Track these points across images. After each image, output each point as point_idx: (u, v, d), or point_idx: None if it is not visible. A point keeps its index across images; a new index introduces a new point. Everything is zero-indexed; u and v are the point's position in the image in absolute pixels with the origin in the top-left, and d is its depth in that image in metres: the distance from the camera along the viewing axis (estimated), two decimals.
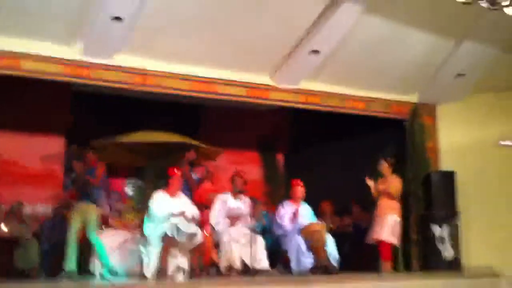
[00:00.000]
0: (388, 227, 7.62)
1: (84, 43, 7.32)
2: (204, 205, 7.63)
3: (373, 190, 7.87)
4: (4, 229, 7.51)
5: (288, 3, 7.33)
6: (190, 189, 7.92)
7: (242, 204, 7.55)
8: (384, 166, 7.94)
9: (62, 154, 9.48)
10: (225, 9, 7.32)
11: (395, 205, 7.81)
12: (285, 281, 6.17)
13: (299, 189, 7.78)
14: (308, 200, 7.98)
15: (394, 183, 7.83)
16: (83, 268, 7.47)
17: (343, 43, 8.04)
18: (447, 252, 8.24)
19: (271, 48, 8.09)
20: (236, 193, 7.57)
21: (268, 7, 7.36)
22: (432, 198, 8.59)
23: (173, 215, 6.73)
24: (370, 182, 7.85)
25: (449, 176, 8.73)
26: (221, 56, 8.03)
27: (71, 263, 6.92)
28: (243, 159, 10.55)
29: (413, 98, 9.56)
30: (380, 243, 7.62)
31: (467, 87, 9.30)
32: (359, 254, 8.32)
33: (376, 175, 8.25)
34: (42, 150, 9.39)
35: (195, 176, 8.19)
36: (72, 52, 7.36)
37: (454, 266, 8.10)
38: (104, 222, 8.34)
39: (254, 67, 8.38)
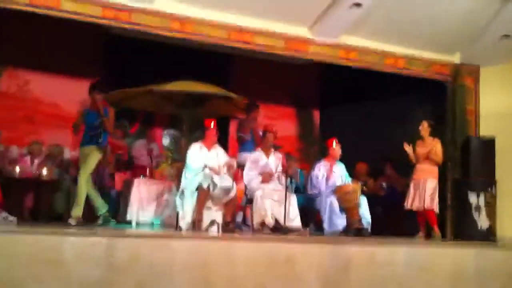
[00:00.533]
0: (426, 192, 7.53)
1: None
2: None
3: (410, 155, 7.71)
4: (44, 172, 7.58)
5: None
6: (255, 145, 7.97)
7: (274, 160, 7.47)
8: (424, 128, 7.75)
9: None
10: None
11: (434, 169, 7.68)
12: (317, 241, 6.14)
13: (335, 148, 7.68)
14: (343, 159, 7.89)
15: (435, 146, 7.67)
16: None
17: None
18: (482, 221, 8.14)
19: (311, 0, 7.82)
20: (267, 149, 7.47)
21: None
22: (470, 164, 8.42)
23: (208, 167, 6.69)
24: (408, 148, 7.69)
25: (489, 142, 8.51)
26: (261, 5, 7.87)
27: (78, 210, 6.81)
28: (277, 114, 10.46)
29: (455, 58, 9.30)
30: (426, 211, 7.56)
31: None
32: (393, 217, 8.30)
33: (414, 138, 8.13)
34: (82, 94, 9.31)
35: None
36: None
37: (488, 236, 8.01)
38: (142, 172, 8.43)
39: (293, 18, 8.20)
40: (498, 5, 8.18)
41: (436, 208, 7.59)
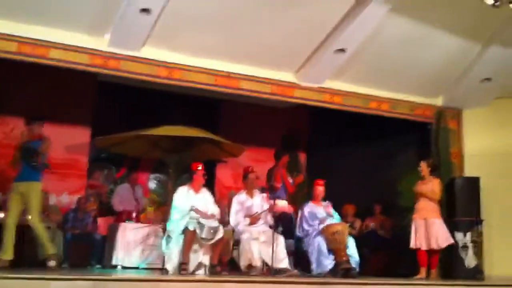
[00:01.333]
0: (435, 232, 7.54)
1: (112, 34, 7.41)
2: None
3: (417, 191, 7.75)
4: (29, 217, 7.52)
5: (315, 1, 7.29)
6: (286, 192, 8.14)
7: (259, 201, 7.49)
8: (424, 167, 7.83)
9: (87, 145, 9.50)
10: (251, 5, 7.31)
11: (435, 207, 7.71)
12: (305, 282, 6.11)
13: (320, 189, 7.71)
14: (330, 200, 7.90)
15: (435, 185, 7.74)
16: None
17: (368, 42, 8.00)
18: (470, 260, 8.15)
19: (296, 46, 8.08)
20: (251, 190, 7.50)
21: (294, 5, 7.33)
22: (456, 204, 8.49)
23: (193, 209, 6.72)
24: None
25: (473, 182, 8.62)
26: (246, 52, 8.04)
27: (7, 252, 6.45)
28: (264, 156, 10.49)
29: (438, 101, 9.52)
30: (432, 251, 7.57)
31: (493, 91, 9.22)
32: (380, 258, 8.28)
33: (399, 178, 8.21)
34: (68, 140, 9.42)
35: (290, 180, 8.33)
36: (100, 43, 7.45)
37: (475, 274, 7.98)
38: (127, 216, 8.42)
39: (278, 64, 8.39)
40: (479, 49, 8.44)
41: (449, 242, 7.61)
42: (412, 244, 7.58)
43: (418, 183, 7.82)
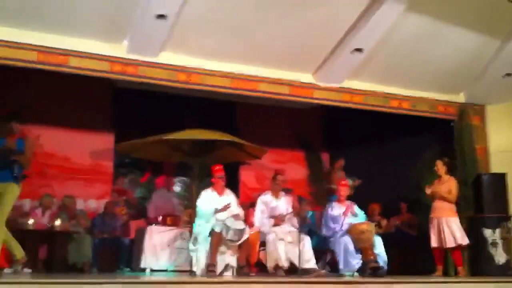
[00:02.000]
0: (450, 231, 7.53)
1: (130, 41, 7.48)
2: None
3: (427, 192, 7.73)
4: (57, 223, 7.61)
5: (331, 1, 7.29)
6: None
7: (284, 203, 7.46)
8: (440, 167, 7.79)
9: (111, 150, 9.57)
10: (267, 7, 7.33)
11: (451, 206, 7.68)
12: (333, 282, 6.05)
13: (345, 189, 7.67)
14: (354, 200, 7.85)
15: (452, 184, 7.71)
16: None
17: (386, 41, 7.99)
18: (500, 256, 8.05)
19: (313, 47, 8.08)
20: (277, 192, 7.47)
21: (311, 6, 7.34)
22: (483, 201, 8.41)
23: (218, 210, 6.74)
24: (428, 191, 7.75)
25: (500, 178, 8.53)
26: (264, 54, 8.06)
27: (16, 252, 6.21)
28: (286, 158, 10.50)
29: (459, 98, 9.43)
30: (450, 250, 7.56)
31: None
32: (407, 256, 8.20)
33: (426, 177, 8.13)
34: (92, 146, 9.54)
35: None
36: (118, 50, 7.51)
37: (506, 270, 7.90)
38: (154, 220, 8.45)
39: (297, 65, 8.39)
40: (499, 44, 8.36)
41: (465, 241, 7.58)
42: (432, 243, 7.59)
43: (435, 182, 7.79)
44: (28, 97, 8.92)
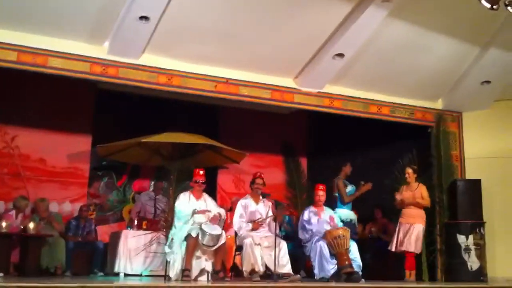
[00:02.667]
0: (413, 236, 7.65)
1: (111, 42, 7.45)
2: None
3: (398, 199, 7.81)
4: (31, 226, 7.53)
5: (313, 7, 7.32)
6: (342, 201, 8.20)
7: (263, 207, 7.47)
8: (409, 173, 7.89)
9: (88, 153, 9.51)
10: (252, 13, 7.36)
11: (421, 213, 7.81)
12: (308, 287, 6.10)
13: (321, 194, 7.70)
14: (331, 206, 7.91)
15: (421, 191, 7.84)
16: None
17: (367, 47, 8.05)
18: (473, 262, 8.14)
19: (295, 52, 8.11)
20: (256, 196, 7.49)
21: (293, 11, 7.38)
22: (458, 207, 8.50)
23: (195, 211, 6.75)
24: (398, 197, 7.88)
25: (475, 185, 8.63)
26: (246, 58, 8.08)
27: None
28: (265, 162, 10.51)
29: (437, 104, 9.54)
30: (406, 253, 7.66)
31: (492, 94, 9.23)
32: (382, 262, 8.25)
33: (400, 182, 8.21)
34: (69, 148, 9.45)
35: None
36: (99, 51, 7.50)
37: (478, 276, 8.00)
38: (130, 223, 8.42)
39: (278, 70, 8.43)
40: (478, 52, 8.46)
41: (418, 250, 7.70)
42: (391, 247, 7.75)
43: (403, 188, 7.92)
44: (6, 97, 8.84)
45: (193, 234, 6.47)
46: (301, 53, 8.19)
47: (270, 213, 7.38)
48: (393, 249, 7.77)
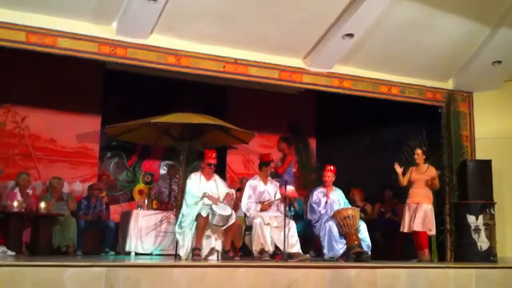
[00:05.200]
0: (422, 216, 7.64)
1: (119, 22, 7.41)
2: None
3: (400, 176, 7.79)
4: (42, 206, 7.59)
5: None
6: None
7: (272, 187, 7.49)
8: (419, 154, 7.88)
9: (98, 133, 9.55)
10: None
11: (429, 193, 7.79)
12: (317, 266, 6.13)
13: (330, 175, 7.69)
14: (340, 185, 7.91)
15: (430, 173, 7.81)
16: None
17: (376, 27, 7.97)
18: (482, 242, 8.12)
19: (304, 31, 8.05)
20: (265, 176, 7.50)
21: None
22: (468, 187, 8.45)
23: (206, 195, 6.77)
24: (398, 169, 7.81)
25: (485, 165, 8.57)
26: (254, 38, 8.02)
27: None
28: (274, 143, 10.52)
29: (448, 84, 9.46)
30: (417, 233, 7.64)
31: (503, 74, 9.16)
32: (392, 242, 8.27)
33: (408, 162, 8.20)
34: (79, 128, 9.50)
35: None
36: (107, 31, 7.46)
37: (488, 256, 8.00)
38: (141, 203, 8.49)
39: (287, 50, 8.37)
40: (489, 31, 8.37)
41: (430, 231, 7.70)
42: (401, 228, 7.72)
43: (413, 169, 7.89)
44: (16, 78, 8.87)
45: (203, 214, 6.51)
46: (310, 33, 8.13)
47: (279, 194, 7.40)
48: (405, 230, 7.75)
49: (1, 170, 8.31)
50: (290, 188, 7.69)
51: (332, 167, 7.69)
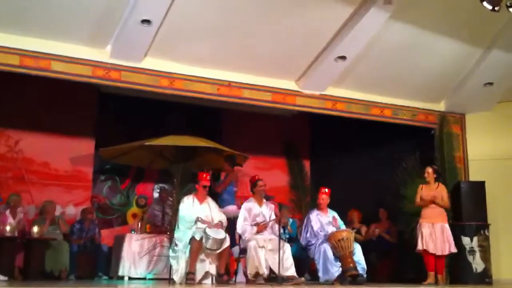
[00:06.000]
0: (441, 237, 7.53)
1: (113, 46, 7.47)
2: None
3: (417, 199, 7.75)
4: (35, 230, 7.52)
5: (315, 9, 7.33)
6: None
7: (267, 209, 7.46)
8: (429, 173, 7.82)
9: (91, 156, 9.52)
10: (252, 15, 7.37)
11: (443, 212, 7.70)
12: None
13: (325, 197, 7.66)
14: (336, 207, 7.88)
15: (441, 191, 7.74)
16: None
17: (369, 49, 8.06)
18: (477, 264, 8.11)
19: (297, 54, 8.12)
20: (259, 198, 7.48)
21: (295, 14, 7.38)
22: (462, 209, 8.46)
23: (199, 219, 6.72)
24: (417, 197, 7.78)
25: (478, 186, 8.60)
26: (247, 61, 8.10)
27: None
28: (269, 165, 10.52)
29: (440, 106, 9.54)
30: (439, 256, 7.55)
31: (495, 96, 9.24)
32: (387, 263, 8.23)
33: (403, 183, 8.20)
34: (73, 152, 9.46)
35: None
36: (101, 54, 7.51)
37: (483, 278, 7.98)
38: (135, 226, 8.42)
39: (280, 72, 8.45)
40: (481, 53, 8.46)
41: (453, 249, 7.59)
42: (420, 247, 7.53)
43: (423, 188, 7.79)
44: (9, 101, 8.86)
45: (197, 237, 6.46)
46: (303, 56, 8.20)
47: (273, 216, 7.37)
48: (421, 248, 7.52)
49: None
50: (230, 208, 7.60)
51: (326, 190, 7.68)
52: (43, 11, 6.84)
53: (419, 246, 7.52)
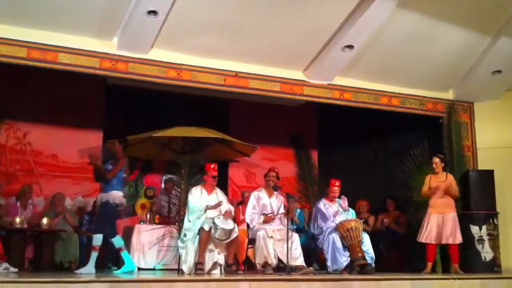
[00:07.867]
0: (450, 227, 7.51)
1: (120, 37, 7.48)
2: None
3: (424, 188, 7.71)
4: (44, 222, 7.58)
5: None
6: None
7: (276, 201, 7.47)
8: (437, 163, 7.76)
9: (100, 148, 9.55)
10: (259, 5, 7.34)
11: (452, 202, 7.65)
12: (321, 279, 6.10)
13: (336, 189, 7.62)
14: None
15: (450, 181, 7.68)
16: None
17: (376, 38, 8.03)
18: (486, 253, 8.09)
19: (304, 44, 8.10)
20: (269, 189, 7.48)
21: (301, 4, 7.35)
22: (470, 197, 8.43)
23: (208, 207, 6.77)
24: (424, 187, 7.72)
25: (487, 175, 8.55)
26: (254, 51, 8.08)
27: None
28: (277, 155, 10.51)
29: (448, 95, 9.50)
30: (449, 246, 7.56)
31: (504, 84, 9.20)
32: (394, 252, 8.23)
33: (411, 173, 8.17)
34: (81, 144, 9.47)
35: None
36: (108, 46, 7.52)
37: (492, 267, 7.97)
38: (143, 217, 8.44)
39: (287, 62, 8.43)
40: (489, 41, 8.40)
41: (460, 239, 7.57)
42: (421, 238, 7.53)
43: (431, 177, 7.73)
44: (17, 94, 8.90)
45: (206, 228, 6.50)
46: (310, 46, 8.18)
47: (282, 208, 7.36)
48: (422, 240, 7.54)
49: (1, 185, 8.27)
50: (114, 193, 7.28)
51: (338, 182, 7.65)
52: (49, 4, 6.87)
53: (420, 237, 7.53)
